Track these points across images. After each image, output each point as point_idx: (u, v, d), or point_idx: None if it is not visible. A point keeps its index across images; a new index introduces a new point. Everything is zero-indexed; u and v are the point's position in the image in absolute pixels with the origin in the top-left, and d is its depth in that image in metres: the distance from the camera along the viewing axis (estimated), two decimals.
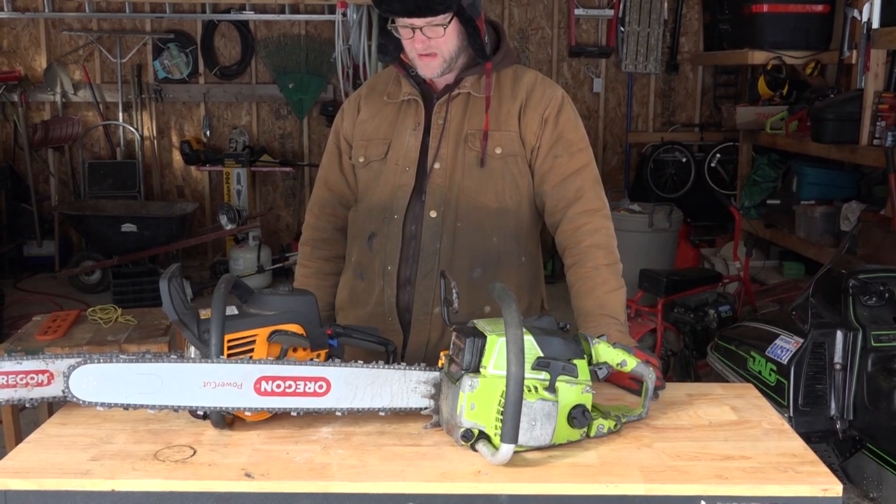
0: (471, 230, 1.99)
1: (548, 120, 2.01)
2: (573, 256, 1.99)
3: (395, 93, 2.07)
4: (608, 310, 1.92)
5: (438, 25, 1.88)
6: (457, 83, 2.01)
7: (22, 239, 7.25)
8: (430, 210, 1.99)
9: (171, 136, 7.47)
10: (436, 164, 2.00)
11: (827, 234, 5.45)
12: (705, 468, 1.39)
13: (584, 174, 2.00)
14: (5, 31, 7.25)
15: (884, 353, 3.07)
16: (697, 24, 7.50)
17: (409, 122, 2.04)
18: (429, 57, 1.93)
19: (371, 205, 2.06)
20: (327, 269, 2.20)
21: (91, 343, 3.23)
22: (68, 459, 1.40)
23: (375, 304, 2.05)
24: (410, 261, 2.01)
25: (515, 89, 2.03)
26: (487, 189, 2.00)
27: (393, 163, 2.03)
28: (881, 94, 4.98)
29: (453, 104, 2.01)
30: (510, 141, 2.00)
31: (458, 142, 2.00)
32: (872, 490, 3.04)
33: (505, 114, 2.01)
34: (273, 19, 7.25)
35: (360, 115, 2.12)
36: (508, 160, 2.00)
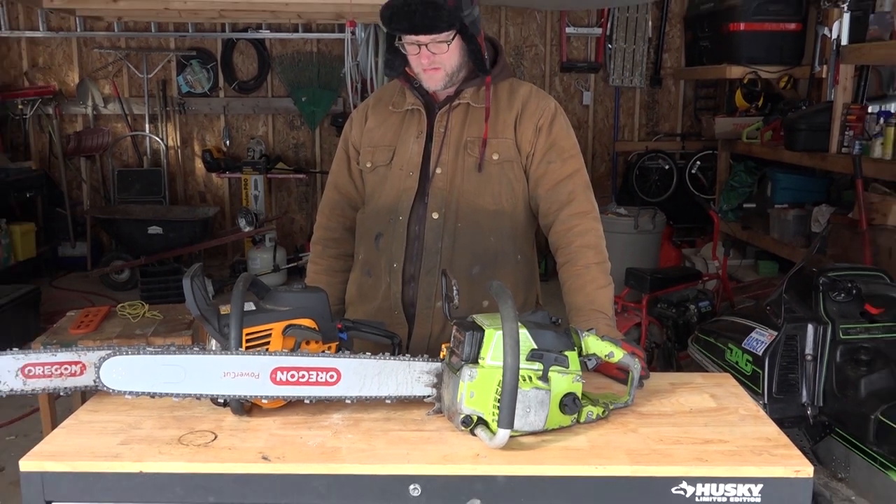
0: (470, 231, 1.99)
1: (542, 129, 2.01)
2: (565, 255, 1.99)
3: (399, 103, 2.07)
4: (597, 305, 1.92)
5: (442, 42, 1.88)
6: (457, 94, 2.01)
7: (57, 240, 7.26)
8: (432, 212, 1.99)
9: (194, 145, 7.47)
10: (437, 170, 1.99)
11: (799, 236, 5.45)
12: (687, 451, 1.39)
13: (576, 179, 2.00)
14: (41, 49, 7.26)
15: (851, 345, 3.07)
16: (679, 41, 7.50)
17: (412, 130, 2.03)
18: (433, 70, 1.93)
19: (378, 207, 2.06)
20: (337, 266, 2.20)
21: (120, 336, 3.23)
22: (99, 444, 1.40)
23: (382, 299, 2.05)
24: (414, 259, 2.01)
25: (511, 100, 2.03)
26: (485, 192, 2.00)
27: (398, 168, 2.03)
28: (849, 106, 4.98)
29: (454, 114, 2.01)
30: (506, 148, 2.00)
31: (458, 149, 2.00)
32: (841, 471, 3.04)
33: (502, 123, 2.01)
34: (287, 37, 7.25)
35: (367, 124, 2.11)
36: (505, 166, 2.00)
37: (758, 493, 1.32)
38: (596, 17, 7.40)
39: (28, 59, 7.24)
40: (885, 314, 3.13)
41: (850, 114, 4.94)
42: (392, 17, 1.86)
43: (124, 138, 7.40)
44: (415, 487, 1.33)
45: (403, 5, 1.83)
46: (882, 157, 4.57)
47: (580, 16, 7.42)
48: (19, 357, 1.51)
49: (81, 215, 7.21)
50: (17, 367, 1.50)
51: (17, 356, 1.51)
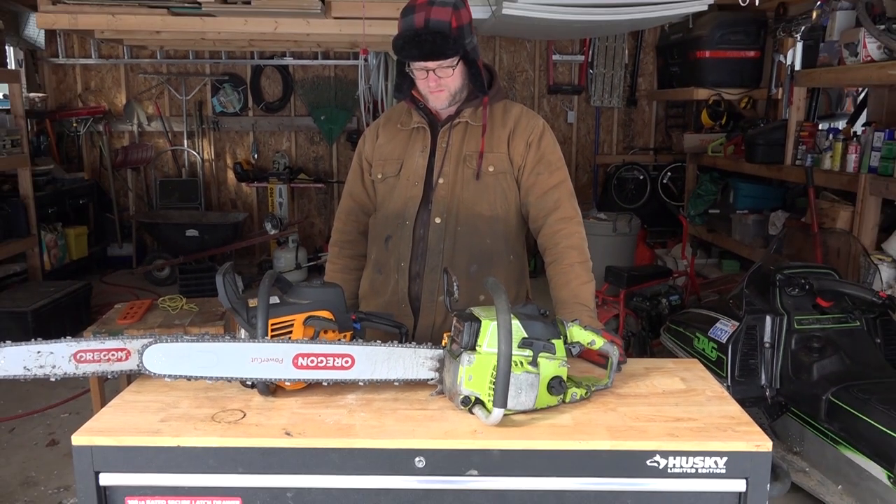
0: (469, 233, 2.00)
1: (532, 144, 2.01)
2: (552, 255, 1.99)
3: (406, 122, 2.07)
4: (581, 299, 1.92)
5: (447, 67, 1.90)
6: (457, 114, 2.02)
7: (106, 242, 7.27)
8: (435, 217, 2.00)
9: (226, 158, 7.46)
10: (440, 180, 2.00)
11: (758, 238, 5.44)
12: (660, 428, 1.38)
13: (561, 188, 2.01)
14: (93, 74, 7.26)
15: (805, 334, 3.06)
16: (652, 67, 7.48)
17: (418, 145, 2.04)
18: (439, 92, 1.95)
19: (387, 213, 2.07)
20: (351, 265, 2.20)
21: (161, 326, 3.23)
22: (142, 421, 1.40)
23: (391, 294, 2.05)
24: (419, 258, 2.01)
25: (505, 119, 2.03)
26: (482, 200, 2.00)
27: (405, 178, 2.03)
28: (802, 124, 4.97)
29: (454, 131, 2.02)
30: (501, 161, 2.00)
31: (458, 161, 2.00)
32: (796, 445, 3.03)
33: (496, 139, 2.01)
34: (308, 64, 7.25)
35: (378, 140, 2.12)
36: (499, 177, 2.01)
37: (723, 465, 1.32)
38: (579, 46, 7.39)
39: (82, 83, 7.24)
40: (834, 307, 3.12)
41: (802, 130, 4.93)
42: (404, 46, 1.87)
43: (165, 152, 7.40)
44: (420, 459, 1.33)
45: (414, 36, 1.84)
46: (831, 168, 4.56)
47: (565, 45, 7.41)
48: (72, 344, 1.51)
49: (128, 220, 7.22)
50: (70, 353, 1.50)
51: (70, 344, 1.50)
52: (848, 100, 5.92)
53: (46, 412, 3.91)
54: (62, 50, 7.11)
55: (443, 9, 1.85)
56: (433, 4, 1.85)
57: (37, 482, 3.19)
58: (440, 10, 1.84)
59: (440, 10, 1.84)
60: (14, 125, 5.72)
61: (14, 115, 5.78)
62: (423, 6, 1.86)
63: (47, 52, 7.05)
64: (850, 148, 4.38)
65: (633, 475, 1.33)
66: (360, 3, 4.43)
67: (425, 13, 1.84)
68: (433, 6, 1.85)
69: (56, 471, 3.28)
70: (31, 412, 3.90)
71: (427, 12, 1.84)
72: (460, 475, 1.33)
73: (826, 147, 4.66)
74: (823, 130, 4.95)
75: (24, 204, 5.76)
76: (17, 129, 5.72)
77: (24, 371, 1.48)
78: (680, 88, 6.76)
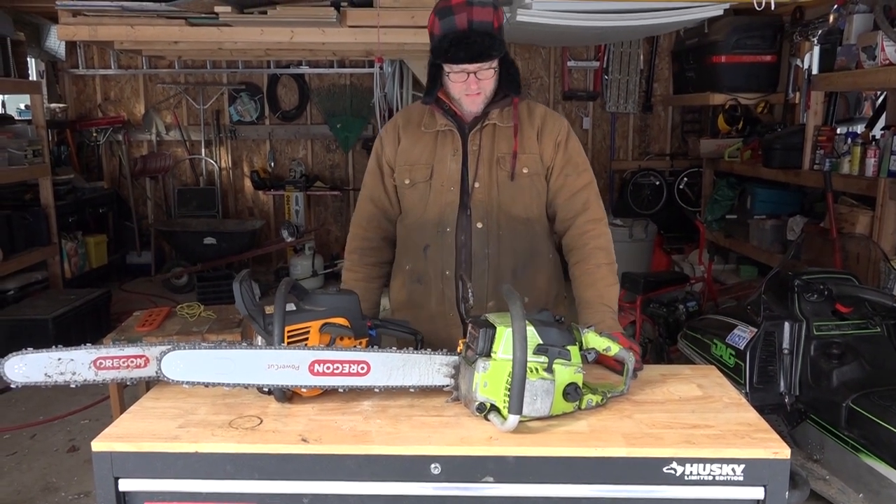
0: (511, 236, 1.98)
1: (560, 145, 1.99)
2: (579, 255, 1.97)
3: (430, 124, 2.00)
4: (606, 300, 1.90)
5: (489, 68, 1.87)
6: (485, 115, 1.97)
7: (125, 250, 7.34)
8: (476, 222, 1.96)
9: (243, 166, 7.52)
10: (476, 184, 1.96)
11: (776, 243, 5.39)
12: (676, 435, 1.37)
13: (589, 190, 2.00)
14: (112, 84, 7.35)
15: (824, 340, 3.02)
16: (667, 72, 7.45)
17: (447, 149, 1.98)
18: (476, 95, 1.91)
19: (422, 220, 2.00)
20: (374, 273, 2.11)
21: (179, 333, 3.25)
22: (161, 427, 1.41)
23: (437, 304, 2.01)
24: (464, 265, 1.98)
25: (531, 119, 2.00)
26: (518, 202, 1.98)
27: (438, 184, 1.98)
28: (820, 128, 4.93)
29: (484, 133, 1.97)
30: (534, 162, 1.98)
31: (490, 164, 1.96)
32: (816, 453, 2.99)
33: (526, 139, 1.98)
34: (324, 72, 7.29)
35: (401, 144, 2.04)
36: (533, 178, 1.98)
37: (740, 473, 1.31)
38: (594, 52, 7.38)
39: (101, 93, 7.34)
40: (854, 313, 3.09)
41: (820, 135, 4.89)
42: (450, 48, 1.80)
43: (183, 161, 7.47)
44: (435, 466, 1.33)
45: (462, 38, 1.78)
46: (850, 172, 4.52)
47: (580, 51, 7.40)
48: (92, 351, 1.52)
49: (146, 228, 7.29)
50: (91, 359, 1.52)
51: (90, 350, 1.52)
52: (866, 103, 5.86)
53: (67, 419, 3.95)
54: (82, 61, 7.21)
55: (483, 9, 1.80)
56: (472, 5, 1.79)
57: (57, 488, 3.22)
58: (481, 10, 1.80)
59: (482, 11, 1.80)
60: (36, 135, 5.81)
61: (35, 125, 5.88)
62: (461, 6, 1.80)
63: (68, 63, 7.15)
64: (868, 152, 4.34)
65: (650, 482, 1.32)
66: (374, 12, 4.46)
67: (467, 14, 1.79)
68: (473, 6, 1.79)
69: (76, 477, 3.31)
70: (51, 419, 3.94)
71: (469, 13, 1.79)
72: (476, 482, 1.33)
73: (844, 151, 4.62)
74: (842, 134, 4.91)
75: (45, 213, 5.85)
76: (39, 139, 5.81)
77: (45, 378, 1.49)
78: (696, 93, 6.73)
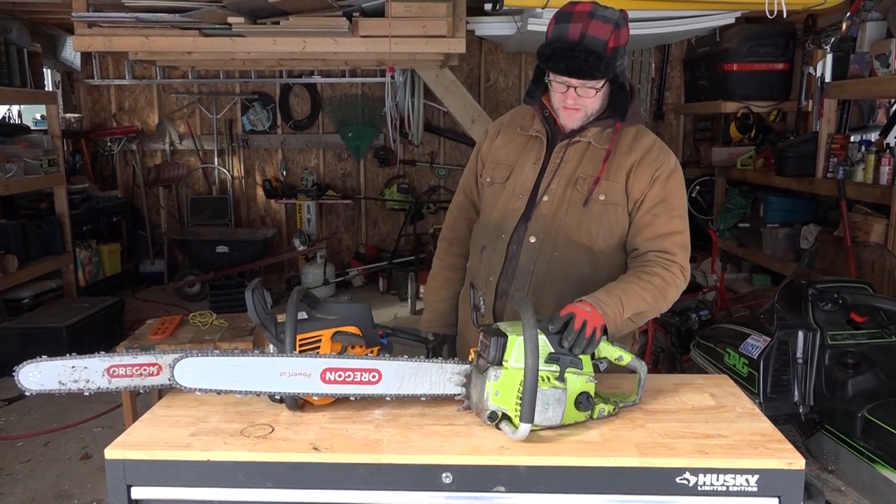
0: (565, 261, 1.83)
1: (657, 180, 1.80)
2: (636, 264, 1.79)
3: (527, 127, 1.93)
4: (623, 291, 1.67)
5: (591, 88, 1.76)
6: (581, 131, 1.85)
7: (139, 258, 7.38)
8: (530, 235, 1.85)
9: (256, 175, 7.56)
10: (545, 197, 1.84)
11: (789, 252, 5.36)
12: (689, 445, 1.37)
13: (676, 239, 1.79)
14: (126, 94, 7.42)
15: (838, 349, 3.00)
16: (679, 80, 7.44)
17: (532, 155, 1.90)
18: (574, 111, 1.81)
19: (487, 221, 1.95)
20: (458, 263, 2.09)
21: (192, 341, 3.26)
22: (173, 435, 1.42)
23: (474, 308, 1.92)
24: (509, 276, 1.88)
25: (633, 147, 1.83)
26: (584, 229, 1.82)
27: (510, 188, 1.90)
28: (833, 136, 4.90)
29: (572, 148, 1.85)
30: (615, 191, 1.81)
31: (568, 182, 1.83)
32: (831, 464, 2.96)
33: (616, 166, 1.82)
34: (336, 82, 7.33)
35: (497, 141, 1.99)
36: (608, 207, 1.81)
37: (754, 483, 1.30)
38: None
39: (116, 103, 7.41)
40: (868, 322, 3.06)
41: (834, 143, 4.86)
42: (552, 56, 1.71)
43: (196, 170, 7.52)
44: (447, 475, 1.32)
45: (566, 49, 1.68)
46: (864, 181, 4.49)
47: None
48: (105, 359, 1.53)
49: (160, 236, 7.34)
50: (104, 367, 1.53)
51: (103, 359, 1.53)
52: (880, 111, 5.82)
53: (80, 426, 3.97)
54: (97, 71, 7.29)
55: (603, 25, 1.67)
56: (593, 17, 1.68)
57: (70, 495, 3.23)
58: (599, 25, 1.67)
59: (599, 27, 1.67)
60: (51, 145, 5.88)
61: (51, 135, 5.94)
62: (581, 16, 1.69)
63: (83, 73, 7.23)
64: (883, 160, 4.31)
65: (663, 493, 1.31)
66: (386, 22, 4.48)
67: (582, 26, 1.67)
68: (593, 19, 1.68)
69: (89, 484, 3.32)
70: (65, 426, 3.96)
71: (585, 25, 1.67)
72: (487, 491, 1.32)
73: (858, 159, 4.59)
74: (855, 142, 4.88)
75: (59, 222, 5.90)
76: (54, 148, 5.87)
77: (59, 385, 1.51)
78: (708, 102, 6.70)
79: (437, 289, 2.12)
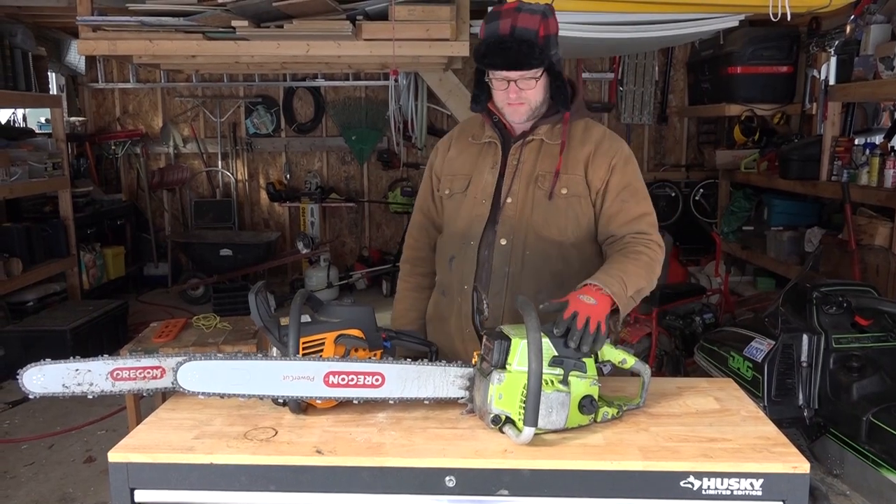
0: (538, 258, 1.86)
1: (615, 168, 1.86)
2: (618, 246, 1.81)
3: (479, 135, 1.97)
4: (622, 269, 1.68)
5: (531, 78, 1.79)
6: (532, 130, 1.90)
7: (143, 261, 7.40)
8: (500, 238, 1.87)
9: (259, 179, 7.57)
10: (508, 199, 1.88)
11: (793, 255, 5.35)
12: (693, 448, 1.36)
13: (648, 219, 1.86)
14: (131, 98, 7.44)
15: (843, 353, 2.99)
16: (683, 83, 7.44)
17: (488, 161, 1.93)
18: (518, 105, 1.84)
19: (452, 231, 1.97)
20: (424, 283, 2.09)
21: (195, 344, 3.26)
22: (176, 438, 1.42)
23: (455, 318, 1.95)
24: (483, 281, 1.90)
25: (585, 138, 1.89)
26: (552, 224, 1.86)
27: (472, 196, 1.92)
28: (837, 139, 4.89)
29: (527, 148, 1.90)
30: (576, 183, 1.86)
31: (528, 181, 1.87)
32: (836, 468, 2.95)
33: (573, 159, 1.87)
34: (339, 85, 7.34)
35: (449, 153, 2.02)
36: (572, 200, 1.86)
37: (759, 487, 1.29)
38: (609, 63, 7.38)
39: (120, 106, 7.43)
40: (873, 325, 3.05)
41: (838, 146, 4.85)
42: (487, 52, 1.77)
43: (200, 173, 7.53)
44: (450, 479, 1.32)
45: (499, 43, 1.74)
46: (868, 184, 4.48)
47: (595, 62, 7.40)
48: (109, 362, 1.54)
49: (163, 240, 7.35)
50: (108, 370, 1.53)
51: (107, 362, 1.54)
52: (884, 114, 5.81)
53: (84, 429, 3.97)
54: (102, 75, 7.32)
55: (531, 16, 1.74)
56: (520, 11, 1.75)
57: (74, 498, 3.24)
58: (528, 17, 1.74)
59: (528, 18, 1.74)
60: (56, 148, 5.90)
61: (56, 138, 5.96)
62: (509, 12, 1.75)
63: (87, 77, 7.26)
64: (887, 163, 4.30)
65: (667, 497, 1.31)
66: (389, 25, 4.49)
67: (511, 20, 1.74)
68: (520, 13, 1.74)
69: (93, 487, 3.32)
70: (69, 429, 3.97)
71: (513, 19, 1.74)
72: (491, 495, 1.32)
73: (863, 162, 4.58)
74: (860, 145, 4.87)
75: (64, 225, 5.92)
76: (59, 152, 5.89)
77: (63, 388, 1.51)
78: (711, 105, 6.70)
79: (406, 311, 2.11)
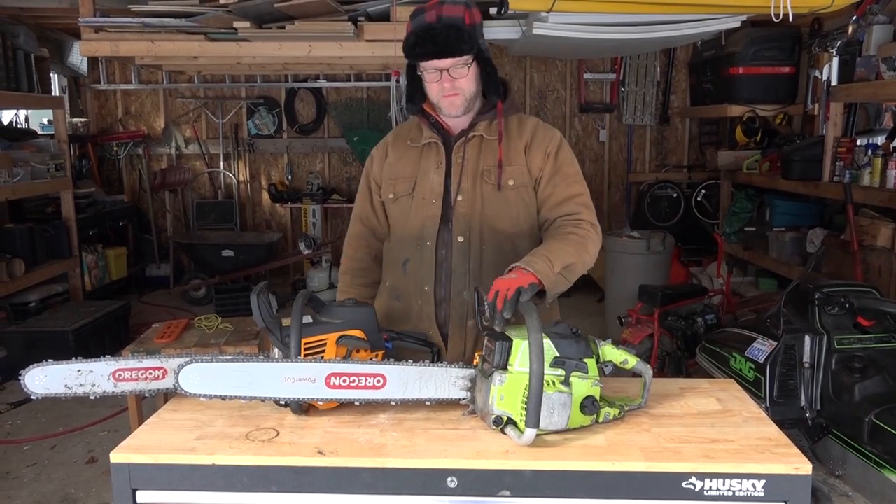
0: (495, 252, 1.90)
1: (549, 155, 1.93)
2: (551, 228, 1.88)
3: (417, 138, 1.99)
4: (548, 250, 1.71)
5: (462, 66, 1.83)
6: (471, 127, 1.94)
7: (145, 262, 7.42)
8: (457, 236, 1.90)
9: (261, 180, 7.58)
10: (459, 197, 1.91)
11: (795, 255, 5.34)
12: (695, 449, 1.36)
13: (580, 199, 1.91)
14: (133, 99, 7.45)
15: (845, 353, 2.98)
16: (685, 84, 7.43)
17: (431, 161, 1.95)
18: (453, 96, 1.87)
19: (403, 235, 1.97)
20: (366, 294, 2.07)
21: (197, 345, 3.27)
22: (178, 439, 1.42)
23: (416, 321, 1.94)
24: (444, 281, 1.91)
25: (521, 130, 1.96)
26: (505, 216, 1.91)
27: (420, 197, 1.94)
28: (839, 139, 4.89)
29: (469, 145, 1.93)
30: (520, 174, 1.92)
31: (475, 177, 1.91)
32: (838, 469, 2.95)
33: (513, 150, 1.93)
34: (341, 86, 7.35)
35: (388, 159, 2.03)
36: (521, 190, 1.92)
37: (761, 488, 1.29)
38: (610, 64, 7.38)
39: (122, 107, 7.44)
40: (876, 326, 3.04)
41: (840, 146, 4.85)
42: (416, 43, 1.81)
43: (202, 174, 7.54)
44: (452, 480, 1.32)
45: (427, 30, 1.79)
46: (870, 184, 4.47)
47: (596, 63, 7.40)
48: (111, 363, 1.54)
49: (165, 241, 7.37)
50: (109, 371, 1.53)
51: (109, 362, 1.54)
52: (887, 114, 5.80)
53: (86, 430, 3.98)
54: (104, 76, 7.33)
55: (455, 6, 1.81)
56: (444, 3, 1.82)
57: (76, 499, 3.24)
58: (452, 7, 1.81)
59: (452, 8, 1.81)
60: (58, 149, 5.91)
61: (58, 139, 5.97)
62: (433, 6, 1.82)
63: (90, 78, 7.27)
64: (890, 163, 4.29)
65: (669, 497, 1.30)
66: (391, 26, 4.49)
67: (437, 11, 1.81)
68: (444, 4, 1.81)
69: (94, 488, 3.33)
70: (71, 430, 3.98)
71: (439, 10, 1.81)
72: (492, 495, 1.32)
73: (865, 163, 4.57)
74: (862, 146, 4.86)
75: (66, 226, 5.93)
76: (61, 153, 5.90)
77: (66, 389, 1.51)
78: (713, 105, 6.69)
79: None
